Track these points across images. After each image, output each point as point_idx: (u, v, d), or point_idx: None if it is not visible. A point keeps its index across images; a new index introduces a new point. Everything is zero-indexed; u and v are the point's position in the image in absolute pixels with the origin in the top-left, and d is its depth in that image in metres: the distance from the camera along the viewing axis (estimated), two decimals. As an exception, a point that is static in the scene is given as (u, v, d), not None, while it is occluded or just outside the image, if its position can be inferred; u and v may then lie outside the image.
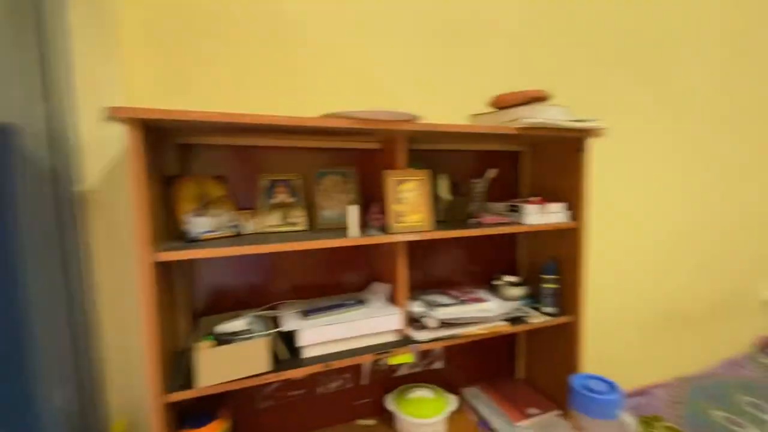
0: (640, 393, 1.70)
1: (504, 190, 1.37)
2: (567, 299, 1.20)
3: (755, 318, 2.11)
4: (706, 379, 1.77)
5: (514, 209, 1.18)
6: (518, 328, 1.13)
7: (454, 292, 1.27)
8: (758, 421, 1.53)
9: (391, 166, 1.04)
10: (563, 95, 1.38)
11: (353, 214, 0.94)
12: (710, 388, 1.72)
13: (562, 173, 1.21)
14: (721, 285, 1.97)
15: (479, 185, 1.29)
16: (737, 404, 1.64)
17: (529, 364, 1.43)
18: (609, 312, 1.65)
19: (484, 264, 1.40)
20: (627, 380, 1.73)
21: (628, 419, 0.93)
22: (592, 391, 1.01)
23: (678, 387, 1.72)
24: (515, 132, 1.01)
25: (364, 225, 1.09)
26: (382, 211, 1.03)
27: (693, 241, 1.83)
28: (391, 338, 1.04)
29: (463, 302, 1.19)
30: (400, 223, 1.00)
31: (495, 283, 1.32)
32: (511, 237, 1.42)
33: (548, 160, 1.27)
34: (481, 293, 1.27)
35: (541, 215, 1.15)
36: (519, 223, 1.14)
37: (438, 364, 1.36)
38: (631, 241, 1.65)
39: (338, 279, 1.20)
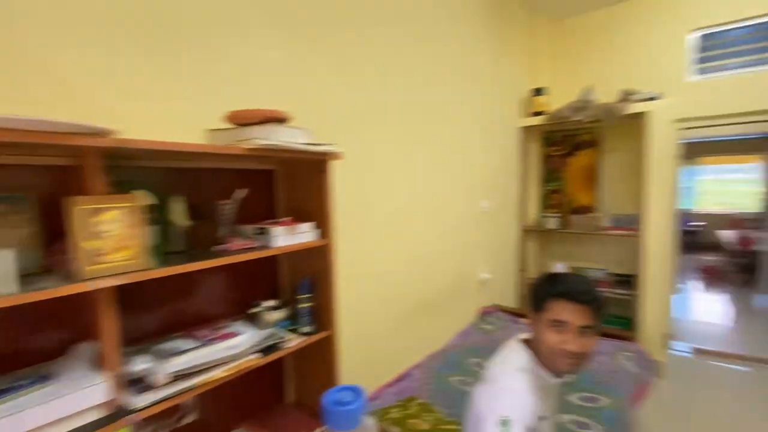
0: (403, 378, 1.96)
1: (260, 210, 1.31)
2: (323, 315, 1.23)
3: (477, 294, 2.79)
4: (446, 352, 2.20)
5: (263, 232, 1.13)
6: (270, 357, 1.07)
7: (202, 332, 1.10)
8: (480, 376, 2.00)
9: (85, 191, 0.80)
10: (316, 118, 1.43)
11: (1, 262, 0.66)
12: (449, 358, 2.14)
13: (311, 193, 1.23)
14: (454, 272, 2.50)
15: (228, 207, 1.18)
16: (467, 366, 2.10)
17: (299, 385, 1.41)
18: (372, 313, 1.82)
19: (245, 291, 1.29)
20: (392, 369, 1.97)
21: (369, 422, 1.01)
22: (342, 403, 1.05)
23: (428, 364, 2.07)
24: (244, 152, 0.95)
25: (47, 270, 0.80)
26: (70, 250, 0.78)
27: (431, 240, 2.24)
28: (95, 415, 0.79)
29: (209, 343, 1.04)
30: (98, 264, 0.78)
31: (254, 310, 1.24)
32: (272, 259, 1.37)
33: (299, 181, 1.28)
34: (237, 326, 1.16)
35: (291, 236, 1.13)
36: (267, 247, 1.09)
37: (191, 417, 1.17)
38: (383, 247, 1.88)
39: (16, 348, 0.85)
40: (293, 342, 1.16)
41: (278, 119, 1.03)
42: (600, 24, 3.31)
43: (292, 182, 1.31)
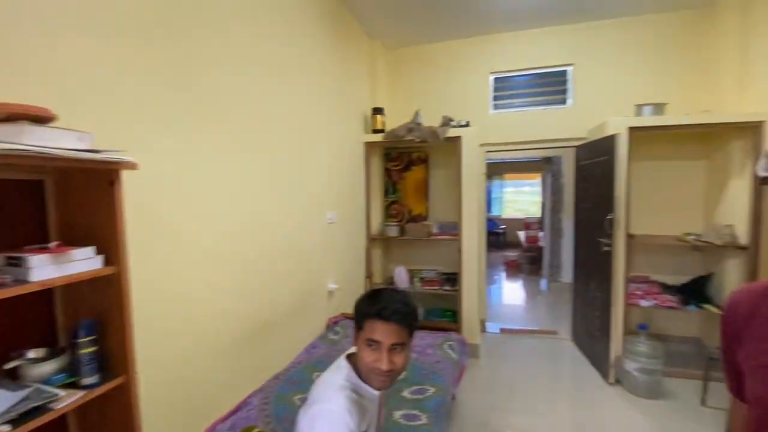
0: (239, 408, 1.79)
1: (22, 234, 1.00)
2: (113, 360, 1.02)
3: (326, 305, 2.81)
4: (290, 370, 2.13)
5: (15, 262, 0.86)
6: (28, 426, 0.82)
7: None
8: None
9: None
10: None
11: None
12: (293, 376, 2.07)
13: (96, 211, 1.01)
14: (300, 287, 2.45)
15: (-43, 231, 0.87)
16: (311, 382, 2.06)
17: (87, 449, 1.13)
18: (194, 345, 1.60)
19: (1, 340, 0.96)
20: (227, 401, 1.78)
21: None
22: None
23: (268, 388, 1.95)
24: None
25: None
26: None
27: (271, 257, 2.13)
28: None
29: None
30: None
31: (11, 365, 0.93)
32: (43, 295, 1.06)
33: (79, 195, 1.04)
34: (-26, 392, 0.85)
35: (59, 266, 0.90)
36: (23, 282, 0.84)
37: None
38: (208, 269, 1.68)
39: None
40: (70, 398, 0.92)
41: (33, 117, 0.81)
42: (426, 57, 3.81)
43: (70, 197, 1.05)
